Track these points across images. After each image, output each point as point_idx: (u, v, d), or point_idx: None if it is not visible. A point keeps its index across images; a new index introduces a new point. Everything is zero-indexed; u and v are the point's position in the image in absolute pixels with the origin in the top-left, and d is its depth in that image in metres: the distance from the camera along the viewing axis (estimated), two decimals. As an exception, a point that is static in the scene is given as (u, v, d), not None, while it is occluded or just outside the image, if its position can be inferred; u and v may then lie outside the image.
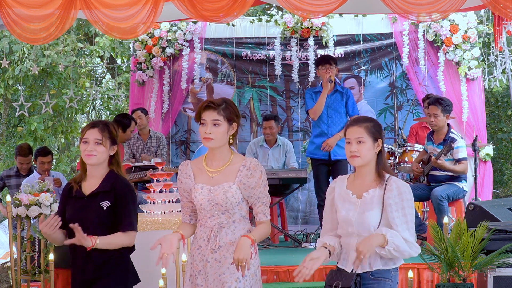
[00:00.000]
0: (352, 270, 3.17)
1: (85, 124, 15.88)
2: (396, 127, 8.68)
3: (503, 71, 8.05)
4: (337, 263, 3.33)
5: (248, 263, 3.16)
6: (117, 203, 3.48)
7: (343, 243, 3.27)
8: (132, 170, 7.26)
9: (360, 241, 3.10)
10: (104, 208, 3.45)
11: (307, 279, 3.12)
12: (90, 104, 14.09)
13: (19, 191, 5.73)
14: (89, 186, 3.52)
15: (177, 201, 5.35)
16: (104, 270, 3.46)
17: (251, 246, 3.19)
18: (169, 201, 5.32)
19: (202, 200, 3.30)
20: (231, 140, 3.35)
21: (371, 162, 3.25)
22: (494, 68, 8.17)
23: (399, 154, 7.23)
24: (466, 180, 6.54)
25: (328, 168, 6.82)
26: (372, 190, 3.21)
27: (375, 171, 3.25)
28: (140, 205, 5.60)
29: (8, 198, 5.17)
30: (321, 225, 3.52)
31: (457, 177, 6.41)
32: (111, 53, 11.89)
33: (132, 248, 3.57)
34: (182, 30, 8.88)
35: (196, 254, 3.35)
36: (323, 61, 6.87)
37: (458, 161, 6.33)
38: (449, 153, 6.26)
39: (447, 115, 6.39)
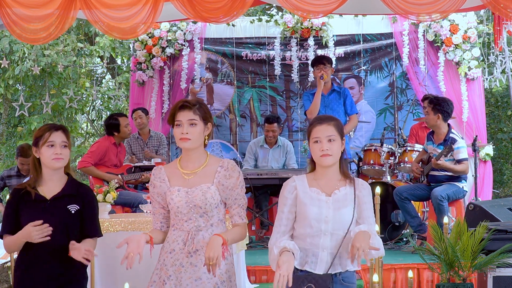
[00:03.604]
0: (328, 271, 3.12)
1: (85, 124, 15.91)
2: (396, 127, 8.69)
3: (503, 71, 8.05)
4: (298, 267, 3.17)
5: (219, 262, 3.02)
6: (85, 208, 3.45)
7: (309, 244, 3.15)
8: (132, 170, 7.26)
9: (355, 238, 3.02)
10: (73, 212, 3.41)
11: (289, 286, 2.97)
12: (90, 104, 14.09)
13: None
14: (49, 189, 3.44)
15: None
16: (66, 280, 3.40)
17: (222, 245, 3.05)
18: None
19: (180, 203, 3.19)
20: (206, 141, 3.29)
21: (338, 161, 3.23)
22: (494, 68, 8.17)
23: (399, 154, 7.23)
24: (466, 180, 6.53)
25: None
26: (343, 188, 3.19)
27: (340, 169, 3.23)
28: (140, 205, 5.60)
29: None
30: None
31: (457, 177, 6.40)
32: (111, 53, 11.88)
33: None
34: (182, 30, 8.89)
35: (168, 258, 3.23)
36: (317, 61, 6.91)
37: (458, 161, 6.33)
38: (450, 154, 6.26)
39: (439, 115, 6.36)
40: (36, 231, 3.27)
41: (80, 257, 3.27)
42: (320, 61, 6.87)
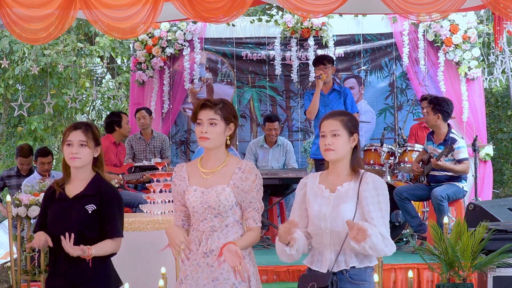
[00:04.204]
0: (331, 269, 3.08)
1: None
2: (396, 127, 8.68)
3: (503, 71, 8.05)
4: (309, 265, 3.20)
5: (244, 265, 3.03)
6: (103, 208, 3.41)
7: (315, 242, 3.15)
8: (133, 170, 7.26)
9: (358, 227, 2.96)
10: (90, 212, 3.38)
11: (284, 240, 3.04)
12: (90, 104, 14.09)
13: (20, 191, 5.74)
14: (74, 188, 3.45)
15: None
16: (85, 275, 3.38)
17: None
18: (169, 201, 5.32)
19: (195, 203, 3.21)
20: (228, 142, 3.27)
21: (346, 157, 3.15)
22: (494, 68, 8.17)
23: (399, 154, 7.23)
24: (466, 180, 6.53)
25: (329, 168, 6.80)
26: (346, 184, 3.12)
27: (350, 166, 3.16)
28: (140, 205, 5.60)
29: (8, 198, 5.17)
30: None
31: (457, 177, 6.40)
32: (111, 53, 11.88)
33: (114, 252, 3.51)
34: (182, 30, 8.88)
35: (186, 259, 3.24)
36: (317, 61, 6.93)
37: (459, 161, 6.33)
38: (450, 154, 6.26)
39: (439, 115, 6.36)
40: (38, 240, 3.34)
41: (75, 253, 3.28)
42: (321, 61, 6.87)
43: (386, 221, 3.08)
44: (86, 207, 3.39)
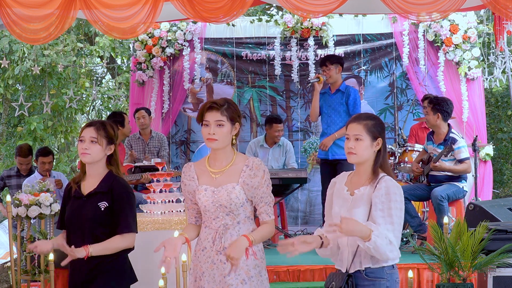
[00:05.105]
0: (348, 269, 3.15)
1: (84, 124, 15.90)
2: (396, 127, 8.68)
3: (503, 71, 8.05)
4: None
5: (238, 263, 3.11)
6: (114, 205, 3.46)
7: (338, 242, 3.21)
8: (133, 170, 7.26)
9: (347, 218, 3.01)
10: (102, 209, 3.44)
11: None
12: (90, 104, 14.10)
13: (20, 191, 5.73)
14: (88, 185, 3.51)
15: (177, 201, 5.36)
16: (100, 270, 3.44)
17: (248, 246, 3.17)
18: (169, 201, 5.32)
19: (206, 202, 3.28)
20: (233, 141, 3.34)
21: (368, 160, 3.20)
22: (494, 68, 8.17)
23: (399, 154, 7.23)
24: (466, 180, 6.53)
25: (330, 167, 6.80)
26: (363, 188, 3.17)
27: (372, 169, 3.20)
28: (140, 205, 5.60)
29: (8, 198, 5.17)
30: (322, 224, 3.51)
31: (457, 177, 6.40)
32: (111, 53, 11.88)
33: (129, 248, 3.55)
34: (182, 30, 8.89)
35: (201, 255, 3.32)
36: (320, 63, 6.94)
37: (460, 161, 6.33)
38: (450, 154, 6.26)
39: (438, 114, 6.36)
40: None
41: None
42: (323, 62, 6.86)
43: (395, 227, 3.10)
44: (99, 204, 3.45)
